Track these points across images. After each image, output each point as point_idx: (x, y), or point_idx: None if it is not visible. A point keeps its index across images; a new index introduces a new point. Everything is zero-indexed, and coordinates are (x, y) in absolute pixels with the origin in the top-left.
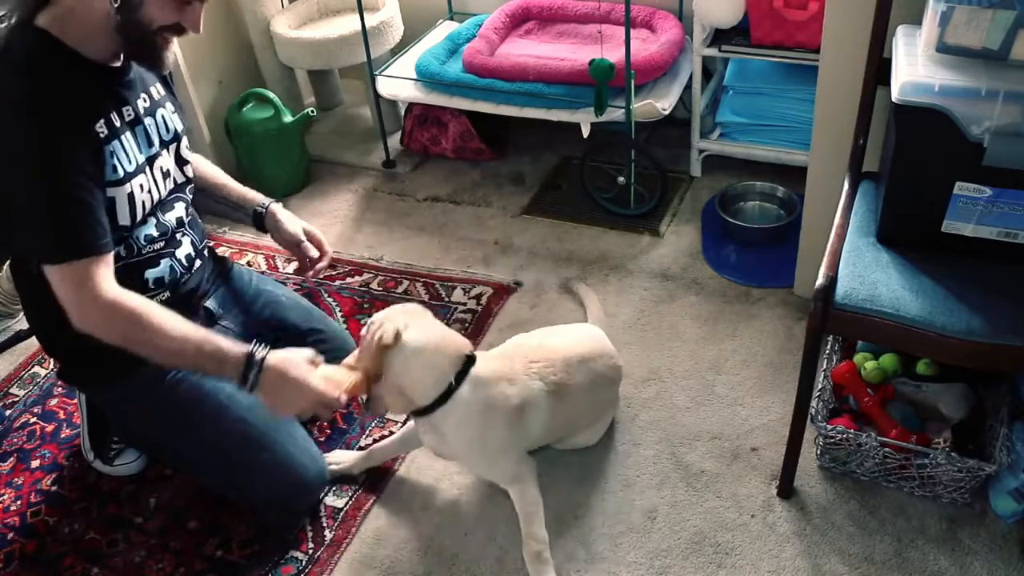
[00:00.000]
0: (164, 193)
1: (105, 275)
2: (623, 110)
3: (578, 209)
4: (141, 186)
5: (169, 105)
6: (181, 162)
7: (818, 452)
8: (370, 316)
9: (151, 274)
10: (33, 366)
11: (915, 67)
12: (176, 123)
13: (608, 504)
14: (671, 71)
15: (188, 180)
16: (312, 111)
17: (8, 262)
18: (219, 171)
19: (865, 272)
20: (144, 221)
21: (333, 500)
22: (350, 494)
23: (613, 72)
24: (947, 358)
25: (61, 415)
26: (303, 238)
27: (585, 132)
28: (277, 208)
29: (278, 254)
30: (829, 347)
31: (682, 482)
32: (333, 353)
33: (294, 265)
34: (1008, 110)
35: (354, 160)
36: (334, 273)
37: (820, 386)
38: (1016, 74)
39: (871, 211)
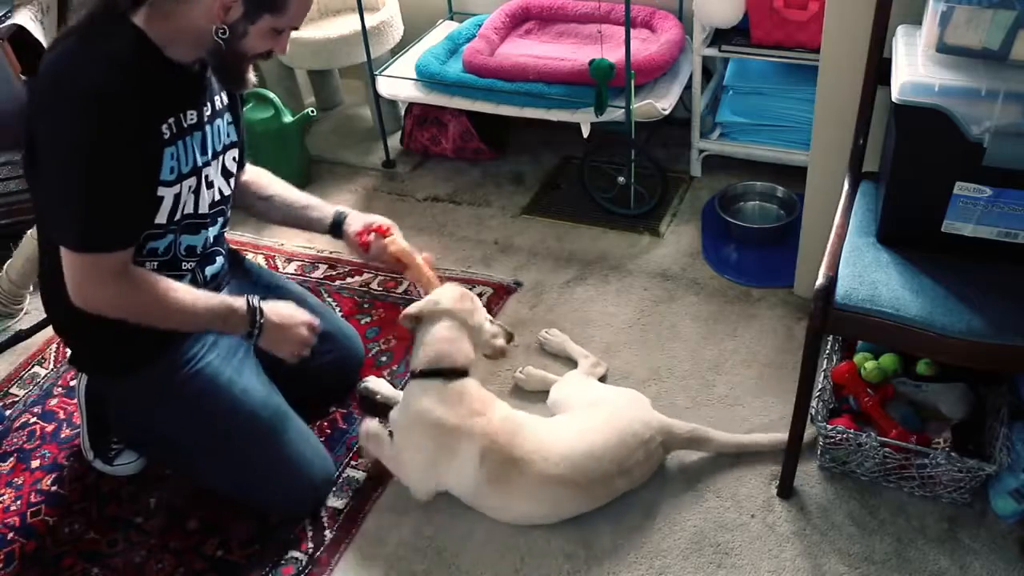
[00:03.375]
0: (208, 202)
1: (117, 267)
2: (623, 110)
3: (578, 209)
4: (189, 187)
5: (228, 116)
6: (227, 174)
7: (818, 452)
8: (370, 316)
9: None
10: (33, 366)
11: (915, 67)
12: (227, 136)
13: (608, 504)
14: (671, 71)
15: (229, 195)
16: (312, 111)
17: (23, 243)
18: (282, 182)
19: (865, 272)
20: (192, 230)
21: (333, 500)
22: (350, 494)
23: (613, 72)
24: (947, 358)
25: (61, 415)
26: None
27: (585, 132)
28: (356, 213)
29: (279, 254)
30: (829, 347)
31: (682, 482)
32: (338, 352)
33: (294, 265)
34: (1008, 110)
35: (354, 160)
36: (334, 273)
37: (820, 386)
38: (1016, 74)
39: (871, 211)
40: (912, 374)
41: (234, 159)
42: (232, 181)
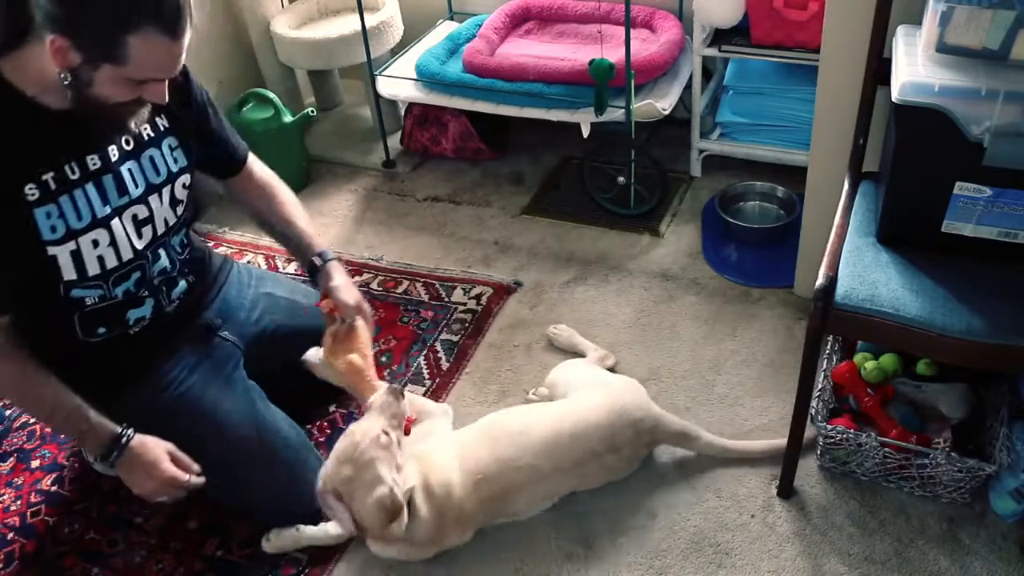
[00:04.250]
0: (142, 243)
1: None
2: (623, 110)
3: (578, 209)
4: (95, 241)
5: (170, 141)
6: (174, 203)
7: (818, 452)
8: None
9: (133, 314)
10: None
11: (915, 67)
12: (172, 163)
13: (608, 504)
14: (671, 71)
15: (180, 220)
16: (312, 111)
17: None
18: (291, 206)
19: (865, 272)
20: (122, 279)
21: None
22: None
23: (613, 72)
24: (947, 358)
25: None
26: (351, 312)
27: (585, 132)
28: (334, 267)
29: (279, 254)
30: (829, 347)
31: (682, 482)
32: None
33: (294, 265)
34: (1008, 110)
35: (354, 160)
36: None
37: (820, 386)
38: (1016, 74)
39: (871, 211)
40: (912, 374)
41: (184, 186)
42: (182, 207)
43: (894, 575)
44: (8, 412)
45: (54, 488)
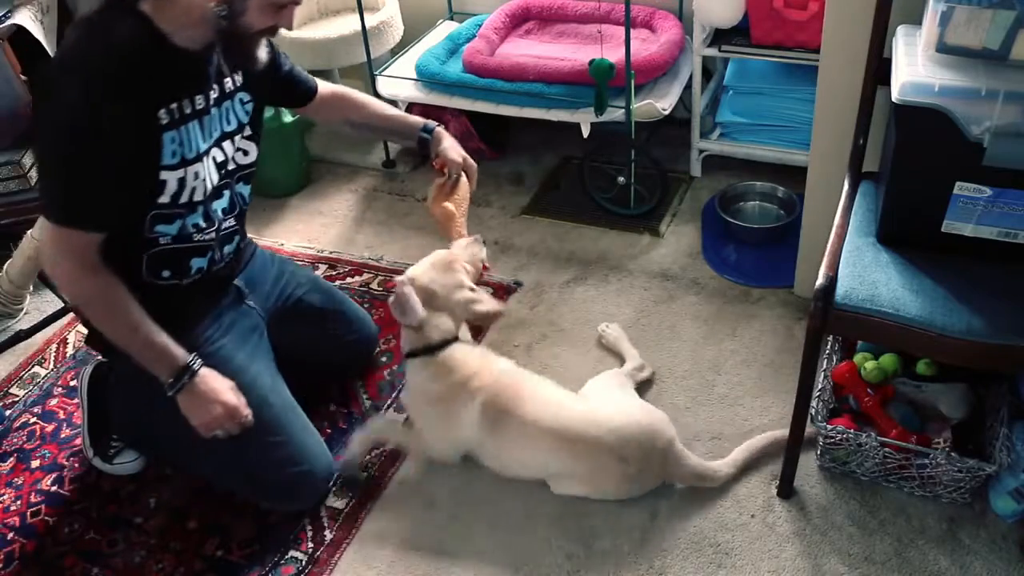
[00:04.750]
0: (216, 182)
1: (88, 247)
2: (623, 110)
3: (578, 209)
4: (196, 174)
5: (242, 95)
6: (244, 152)
7: (818, 452)
8: (370, 315)
9: (196, 262)
10: (33, 366)
11: (915, 67)
12: (243, 115)
13: (608, 504)
14: (671, 71)
15: (246, 167)
16: None
17: (23, 243)
18: (373, 105)
19: (865, 272)
20: (194, 208)
21: (333, 500)
22: (350, 494)
23: (613, 72)
24: (947, 358)
25: (61, 415)
26: (458, 167)
27: (585, 132)
28: (440, 132)
29: (278, 253)
30: (829, 347)
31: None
32: (351, 335)
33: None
34: (1008, 110)
35: (354, 160)
36: (334, 273)
37: (820, 386)
38: (1016, 74)
39: (871, 211)
40: (912, 374)
41: (247, 136)
42: (245, 157)
43: (894, 575)
44: (8, 412)
45: (54, 488)
